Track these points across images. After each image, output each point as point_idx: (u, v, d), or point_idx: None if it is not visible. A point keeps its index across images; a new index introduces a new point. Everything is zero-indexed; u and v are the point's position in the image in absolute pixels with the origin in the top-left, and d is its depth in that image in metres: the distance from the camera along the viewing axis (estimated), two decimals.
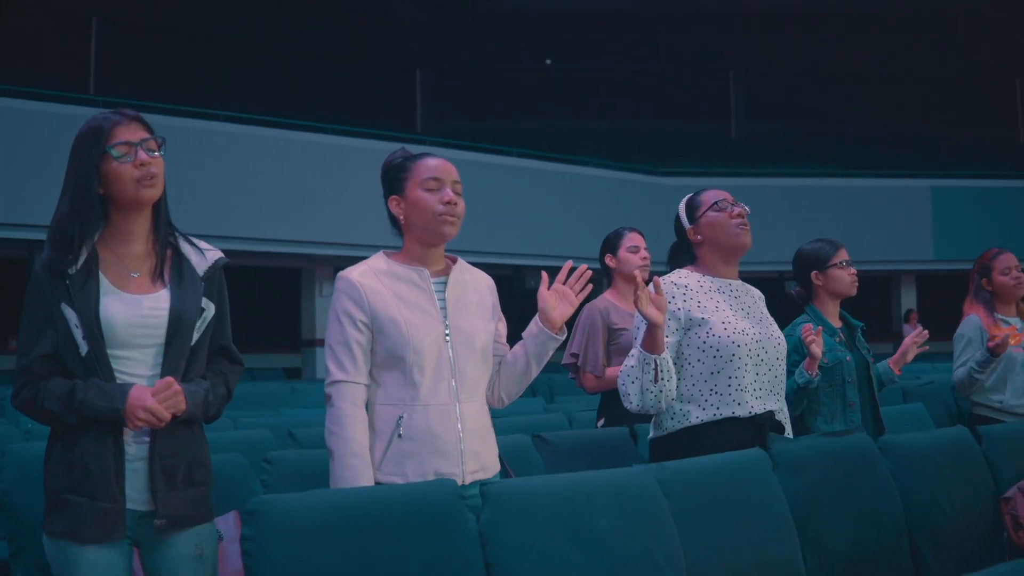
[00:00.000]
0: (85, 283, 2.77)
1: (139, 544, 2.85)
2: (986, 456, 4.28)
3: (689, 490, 3.26)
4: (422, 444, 3.11)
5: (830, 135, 25.65)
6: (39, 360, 2.76)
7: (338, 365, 3.14)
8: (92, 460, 2.74)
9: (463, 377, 3.20)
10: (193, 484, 2.88)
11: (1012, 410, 5.39)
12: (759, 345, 3.74)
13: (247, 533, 2.54)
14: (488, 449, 3.28)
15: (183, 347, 2.86)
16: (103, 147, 2.78)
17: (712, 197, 3.87)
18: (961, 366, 5.45)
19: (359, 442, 3.09)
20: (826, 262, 4.70)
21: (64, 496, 2.75)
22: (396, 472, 3.10)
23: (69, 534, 2.73)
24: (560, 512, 2.93)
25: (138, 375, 2.80)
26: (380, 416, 3.15)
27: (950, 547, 3.92)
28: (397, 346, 3.12)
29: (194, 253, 2.97)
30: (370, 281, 3.18)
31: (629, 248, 5.11)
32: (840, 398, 4.52)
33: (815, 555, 3.50)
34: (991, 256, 5.61)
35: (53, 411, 2.73)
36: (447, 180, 3.24)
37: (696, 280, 3.82)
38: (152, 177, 2.82)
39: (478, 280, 3.40)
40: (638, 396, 3.57)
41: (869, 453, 3.93)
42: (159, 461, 2.79)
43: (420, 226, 3.24)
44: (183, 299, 2.86)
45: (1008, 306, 5.55)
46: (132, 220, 2.87)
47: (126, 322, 2.78)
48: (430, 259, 3.28)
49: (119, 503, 2.75)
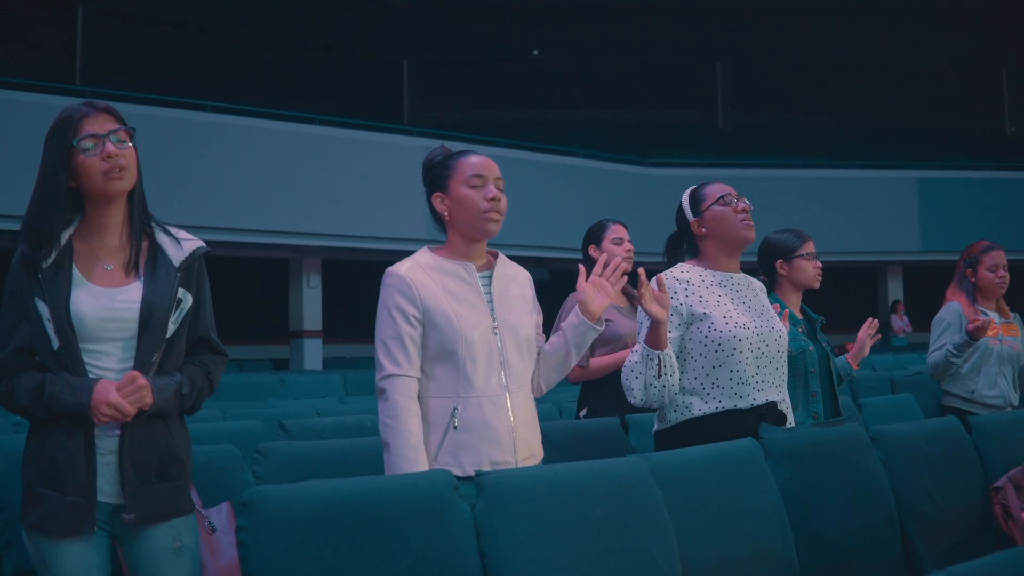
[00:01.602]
0: (56, 276, 2.77)
1: (116, 537, 2.85)
2: (976, 446, 4.31)
3: (682, 480, 3.27)
4: (477, 435, 3.19)
5: (817, 126, 25.67)
6: (13, 354, 2.77)
7: (391, 359, 3.20)
8: (61, 454, 2.74)
9: (511, 368, 3.29)
10: (167, 478, 2.87)
11: (983, 400, 5.44)
12: (760, 339, 3.77)
13: (242, 524, 2.53)
14: (535, 436, 3.38)
15: (156, 340, 2.84)
16: (70, 140, 2.77)
17: (717, 191, 3.90)
18: (937, 350, 5.48)
19: (415, 434, 3.15)
20: (792, 252, 4.74)
21: (35, 489, 2.76)
22: (453, 463, 3.15)
23: (39, 527, 2.75)
24: (554, 502, 2.93)
25: (110, 368, 2.79)
26: (434, 409, 3.21)
27: (940, 537, 3.95)
28: (449, 340, 3.19)
29: (170, 243, 2.95)
30: (419, 276, 3.24)
31: (613, 240, 5.10)
32: (803, 388, 4.54)
33: (807, 544, 3.51)
34: (981, 249, 5.63)
35: (24, 405, 2.75)
36: (490, 177, 3.31)
37: (698, 275, 3.85)
38: (120, 169, 2.80)
39: (519, 274, 3.49)
40: (641, 391, 3.63)
41: (860, 443, 3.94)
42: (129, 455, 2.79)
43: (465, 222, 3.30)
44: (155, 291, 2.85)
45: (988, 301, 5.59)
46: (105, 212, 2.86)
47: (95, 316, 2.77)
48: (474, 254, 3.36)
49: (88, 497, 2.75)
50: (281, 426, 4.82)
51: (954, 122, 26.10)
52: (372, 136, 17.21)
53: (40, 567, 2.78)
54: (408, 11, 22.40)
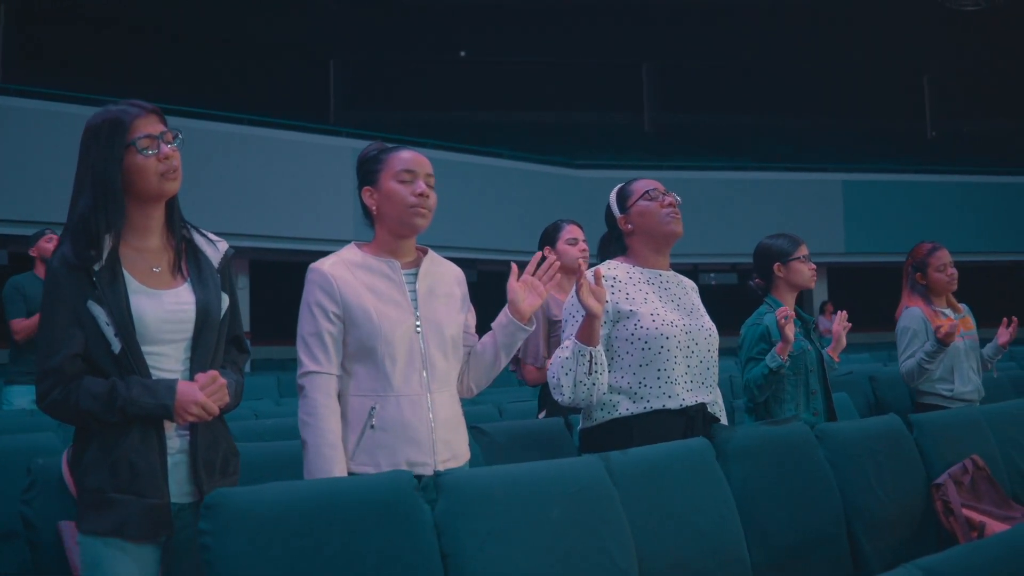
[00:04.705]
0: (113, 279, 2.73)
1: (170, 539, 2.81)
2: (918, 444, 4.36)
3: (637, 480, 3.29)
4: (395, 434, 3.14)
5: (743, 128, 25.96)
6: (69, 359, 2.70)
7: (310, 356, 3.17)
8: (138, 458, 2.71)
9: (434, 367, 3.23)
10: (227, 474, 2.90)
11: (962, 397, 5.54)
12: (689, 336, 3.75)
13: (205, 527, 2.51)
14: (459, 438, 3.32)
15: (211, 341, 2.85)
16: (126, 140, 2.75)
17: (643, 186, 3.90)
18: (909, 358, 5.54)
19: (333, 431, 3.11)
20: (789, 255, 4.89)
21: (109, 495, 2.70)
22: (369, 462, 3.12)
23: (116, 532, 2.69)
24: (514, 502, 2.94)
25: (169, 370, 2.78)
26: (352, 407, 3.17)
27: (885, 533, 4.00)
28: (369, 337, 3.14)
29: (207, 244, 2.99)
30: (341, 272, 3.20)
31: (568, 240, 5.12)
32: (804, 386, 4.65)
33: (758, 541, 3.55)
34: (926, 251, 5.72)
35: (91, 411, 2.68)
36: (420, 173, 3.28)
37: (625, 271, 3.83)
38: (175, 170, 2.82)
39: (448, 272, 3.44)
40: (571, 388, 3.58)
41: (807, 441, 3.98)
42: (201, 454, 2.80)
43: (392, 217, 3.27)
44: (207, 293, 2.87)
45: (940, 300, 5.68)
46: (149, 214, 2.85)
47: (157, 318, 2.76)
48: (401, 250, 3.32)
49: (165, 498, 2.73)
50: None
51: (877, 126, 26.56)
52: (299, 136, 17.12)
53: (97, 573, 2.72)
54: (335, 11, 22.30)
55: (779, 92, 26.58)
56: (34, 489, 3.35)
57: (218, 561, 2.48)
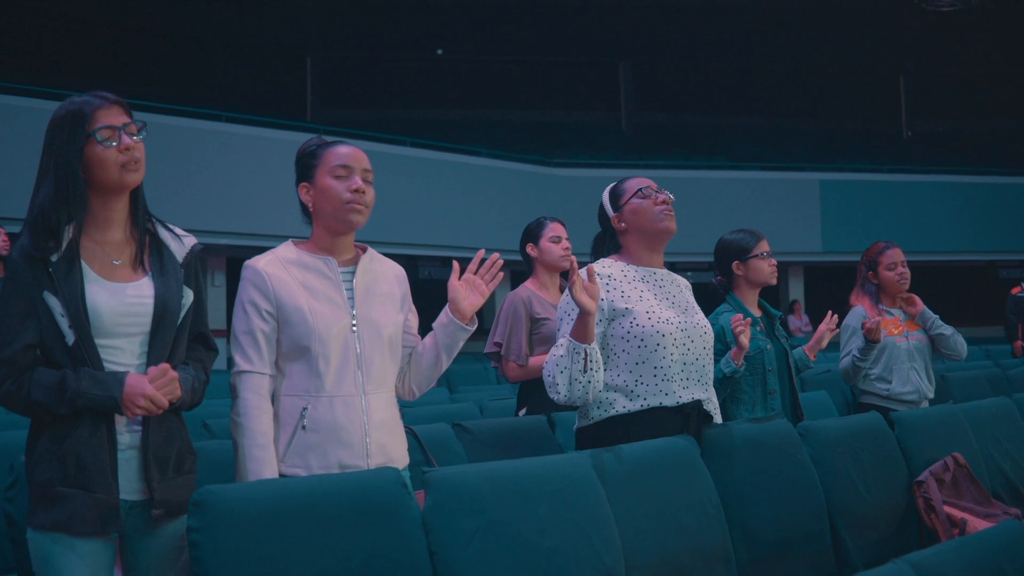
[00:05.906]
0: (69, 271, 2.70)
1: (124, 534, 2.79)
2: (899, 441, 4.39)
3: (623, 476, 3.30)
4: (326, 436, 3.07)
5: (720, 127, 26.04)
6: (22, 351, 2.68)
7: (243, 355, 3.10)
8: (86, 451, 2.68)
9: (370, 368, 3.16)
10: (182, 472, 2.86)
11: (899, 397, 5.53)
12: (684, 334, 3.72)
13: (193, 524, 2.51)
14: (395, 441, 3.24)
15: (168, 336, 2.82)
16: (86, 131, 2.73)
17: (636, 184, 3.87)
18: (846, 355, 5.58)
19: (264, 433, 3.04)
20: (747, 252, 4.83)
21: (56, 489, 2.67)
22: (300, 464, 3.06)
23: (62, 527, 2.66)
24: (501, 499, 2.94)
25: (124, 364, 2.75)
26: (284, 407, 3.10)
27: (867, 530, 4.03)
28: (302, 336, 3.08)
29: (172, 239, 2.95)
30: (276, 270, 3.14)
31: (551, 238, 5.11)
32: (761, 386, 4.59)
33: (742, 538, 3.57)
34: (878, 250, 5.74)
35: (41, 402, 2.66)
36: (357, 168, 3.22)
37: (620, 269, 3.79)
38: (136, 162, 2.79)
39: (388, 270, 3.36)
40: (566, 386, 3.48)
41: (790, 439, 4.00)
42: (152, 450, 2.76)
43: (328, 214, 3.21)
44: (167, 287, 2.83)
45: (892, 299, 5.70)
46: (111, 206, 2.83)
47: (112, 311, 2.73)
48: (339, 248, 3.25)
49: (114, 494, 2.70)
50: (204, 426, 4.75)
51: (854, 125, 26.71)
52: (275, 133, 17.03)
53: (45, 571, 2.70)
54: (312, 8, 22.25)
55: (756, 92, 26.69)
56: (16, 487, 3.31)
57: (206, 558, 2.48)
